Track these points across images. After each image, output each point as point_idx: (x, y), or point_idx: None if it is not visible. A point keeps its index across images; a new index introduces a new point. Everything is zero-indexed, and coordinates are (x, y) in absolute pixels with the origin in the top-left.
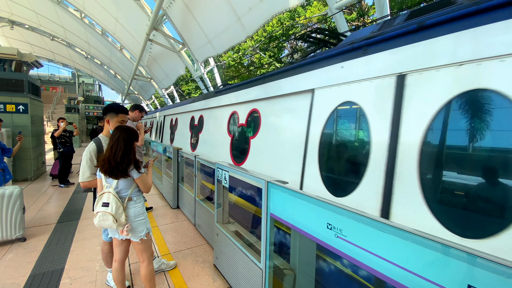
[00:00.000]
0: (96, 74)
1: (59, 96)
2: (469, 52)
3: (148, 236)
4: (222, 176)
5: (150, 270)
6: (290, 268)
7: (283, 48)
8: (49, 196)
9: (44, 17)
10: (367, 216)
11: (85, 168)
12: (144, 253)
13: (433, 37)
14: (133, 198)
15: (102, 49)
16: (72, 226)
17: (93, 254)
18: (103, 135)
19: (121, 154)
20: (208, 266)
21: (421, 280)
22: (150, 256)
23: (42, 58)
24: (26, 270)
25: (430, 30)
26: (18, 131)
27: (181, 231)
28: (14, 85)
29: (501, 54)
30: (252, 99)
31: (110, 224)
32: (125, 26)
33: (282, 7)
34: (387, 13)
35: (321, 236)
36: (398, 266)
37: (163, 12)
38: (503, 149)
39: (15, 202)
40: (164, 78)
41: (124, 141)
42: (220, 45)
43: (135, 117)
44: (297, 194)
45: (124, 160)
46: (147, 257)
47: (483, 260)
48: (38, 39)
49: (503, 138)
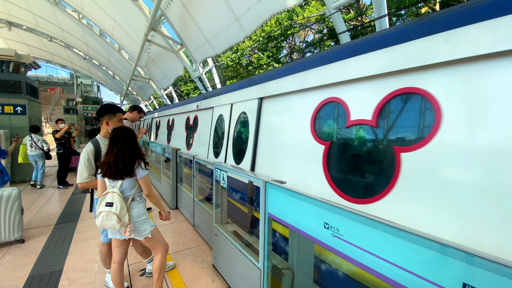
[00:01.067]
0: (94, 75)
1: (57, 97)
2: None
3: (155, 232)
4: (221, 176)
5: (162, 263)
6: (289, 268)
7: (281, 48)
8: (47, 197)
9: (42, 18)
10: (363, 215)
11: (83, 169)
12: (156, 247)
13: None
14: (136, 199)
15: (100, 50)
16: (70, 228)
17: (92, 255)
18: (100, 136)
19: (128, 156)
20: (207, 266)
21: (417, 279)
22: (163, 249)
23: (40, 59)
24: (24, 272)
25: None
26: (16, 132)
27: (180, 232)
28: (12, 87)
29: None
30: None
31: (113, 224)
32: (123, 27)
33: (280, 7)
34: (385, 13)
35: (318, 235)
36: (394, 264)
37: (161, 13)
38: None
39: (13, 203)
40: (163, 78)
41: (129, 143)
42: (219, 45)
43: (133, 118)
44: (295, 194)
45: (133, 161)
46: (159, 250)
47: (479, 258)
48: (36, 40)
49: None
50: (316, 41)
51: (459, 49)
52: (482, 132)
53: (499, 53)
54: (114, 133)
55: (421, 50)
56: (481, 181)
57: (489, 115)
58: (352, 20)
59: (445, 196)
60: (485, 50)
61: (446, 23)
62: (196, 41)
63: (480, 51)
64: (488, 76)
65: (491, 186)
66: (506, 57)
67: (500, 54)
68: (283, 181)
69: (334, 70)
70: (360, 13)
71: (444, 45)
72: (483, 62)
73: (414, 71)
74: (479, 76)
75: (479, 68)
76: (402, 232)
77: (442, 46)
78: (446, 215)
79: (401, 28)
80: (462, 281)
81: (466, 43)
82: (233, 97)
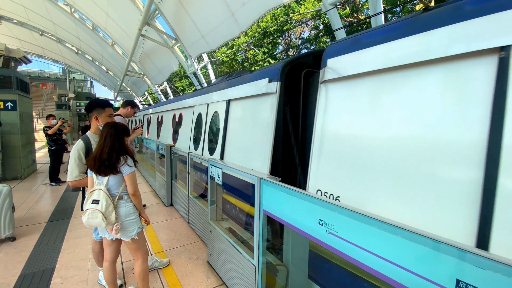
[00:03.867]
0: (87, 70)
1: (49, 93)
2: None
3: (140, 235)
4: (215, 173)
5: (144, 268)
6: (283, 264)
7: (277, 44)
8: (39, 194)
9: (33, 12)
10: (357, 211)
11: (73, 167)
12: (138, 251)
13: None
14: (124, 197)
15: (93, 44)
16: (63, 225)
17: (85, 253)
18: (91, 133)
19: (107, 151)
20: (202, 263)
21: (410, 275)
22: (144, 254)
23: (31, 53)
24: (16, 270)
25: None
26: (6, 129)
27: (175, 229)
28: (1, 82)
29: None
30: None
31: (99, 222)
32: (117, 21)
33: (276, 3)
34: (381, 10)
35: (313, 231)
36: (387, 260)
37: (155, 7)
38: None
39: (4, 200)
40: (157, 74)
41: (112, 137)
42: (214, 40)
43: (127, 114)
44: (289, 191)
45: (111, 156)
46: (141, 256)
47: (472, 255)
48: (27, 34)
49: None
50: (312, 38)
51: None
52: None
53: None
54: (103, 127)
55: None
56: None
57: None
58: (348, 17)
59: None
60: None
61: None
62: (191, 36)
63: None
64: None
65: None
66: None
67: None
68: (278, 177)
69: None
70: (356, 9)
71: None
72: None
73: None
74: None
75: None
76: (396, 228)
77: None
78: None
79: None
80: (455, 277)
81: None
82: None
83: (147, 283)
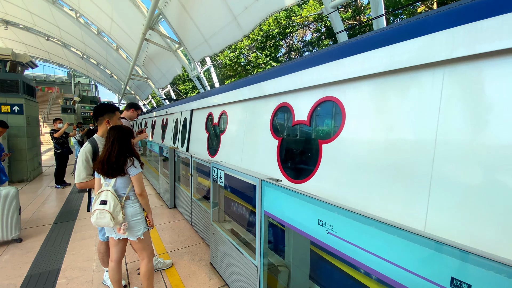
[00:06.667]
0: (92, 74)
1: (55, 97)
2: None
3: (146, 235)
4: (218, 175)
5: (149, 268)
6: (285, 265)
7: (279, 47)
8: (45, 197)
9: (39, 17)
10: (356, 212)
11: (81, 169)
12: (143, 251)
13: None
14: (131, 198)
15: (98, 48)
16: (68, 227)
17: (90, 254)
18: (98, 136)
19: (116, 154)
20: (205, 264)
21: (409, 274)
22: (150, 254)
23: (37, 58)
24: (22, 271)
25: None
26: (13, 132)
27: (178, 230)
28: (8, 86)
29: None
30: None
31: (107, 222)
32: (121, 26)
33: (278, 6)
34: (382, 12)
35: (313, 232)
36: (386, 260)
37: (159, 12)
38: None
39: (11, 202)
40: (161, 77)
41: (119, 140)
42: (217, 44)
43: (131, 116)
44: (290, 192)
45: (119, 159)
46: (146, 255)
47: (466, 253)
48: (33, 39)
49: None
50: (314, 40)
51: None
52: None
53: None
54: (109, 131)
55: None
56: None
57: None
58: (349, 19)
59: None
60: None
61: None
62: (194, 40)
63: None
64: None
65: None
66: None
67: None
68: (277, 178)
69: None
70: (358, 12)
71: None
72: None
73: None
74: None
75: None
76: (394, 228)
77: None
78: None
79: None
80: (450, 276)
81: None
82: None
83: (152, 283)
